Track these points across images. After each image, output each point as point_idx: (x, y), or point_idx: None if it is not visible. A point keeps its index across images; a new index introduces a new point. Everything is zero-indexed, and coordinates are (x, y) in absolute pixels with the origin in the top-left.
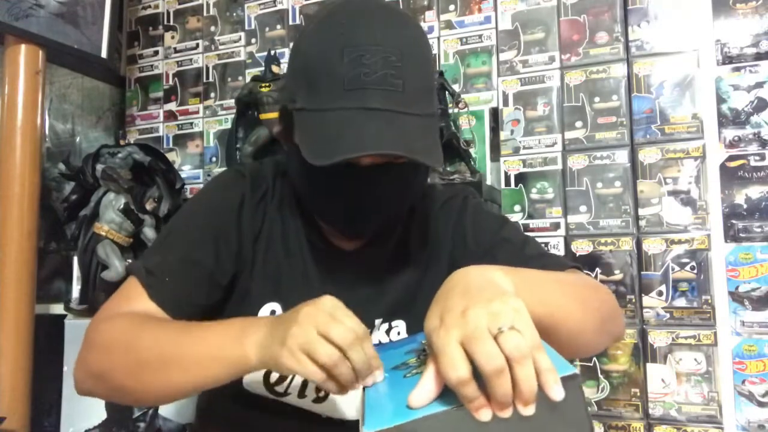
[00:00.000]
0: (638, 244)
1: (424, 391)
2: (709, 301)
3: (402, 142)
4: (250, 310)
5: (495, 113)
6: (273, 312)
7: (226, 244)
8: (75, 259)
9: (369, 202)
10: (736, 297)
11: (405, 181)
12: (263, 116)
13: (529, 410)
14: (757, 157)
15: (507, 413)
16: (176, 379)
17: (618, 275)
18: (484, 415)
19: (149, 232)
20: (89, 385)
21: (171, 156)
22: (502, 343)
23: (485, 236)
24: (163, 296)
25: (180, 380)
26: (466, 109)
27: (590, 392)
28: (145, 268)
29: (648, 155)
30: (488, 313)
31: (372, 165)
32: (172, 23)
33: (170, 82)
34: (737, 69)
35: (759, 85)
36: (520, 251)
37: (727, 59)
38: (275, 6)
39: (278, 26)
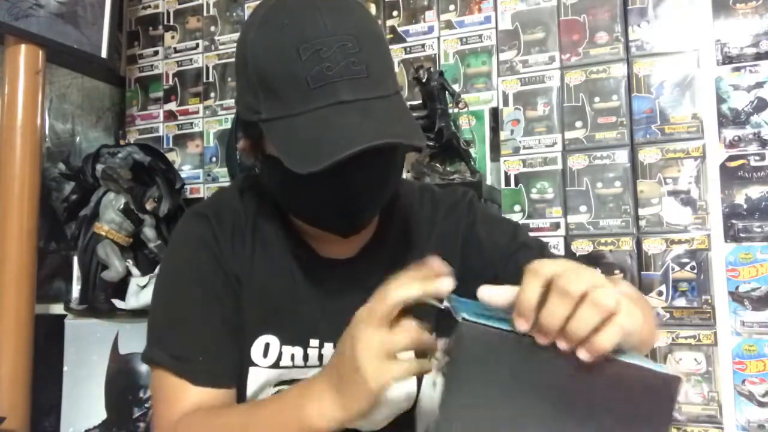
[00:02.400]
0: (638, 244)
1: (500, 291)
2: (709, 301)
3: (385, 129)
4: (244, 346)
5: (495, 113)
6: (267, 345)
7: (230, 293)
8: (75, 259)
9: (358, 194)
10: (736, 297)
11: (387, 164)
12: None
13: (582, 354)
14: (757, 157)
15: (544, 341)
16: None
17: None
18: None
19: (149, 232)
20: None
21: (171, 156)
22: (590, 288)
23: (503, 243)
24: (207, 376)
25: None
26: (466, 109)
27: None
28: (171, 356)
29: (648, 155)
30: (593, 275)
31: (354, 157)
32: (172, 23)
33: (170, 82)
34: (737, 69)
35: (759, 85)
36: (541, 257)
37: (727, 59)
38: None
39: None
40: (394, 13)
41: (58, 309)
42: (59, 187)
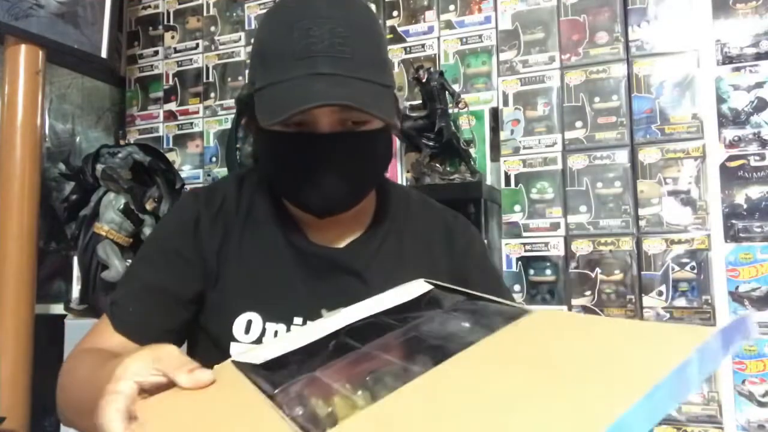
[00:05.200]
0: (638, 244)
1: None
2: (709, 301)
3: (352, 96)
4: (225, 322)
5: (495, 113)
6: (249, 322)
7: (186, 262)
8: (75, 259)
9: (334, 173)
10: (736, 297)
11: (367, 148)
12: None
13: None
14: (757, 157)
15: None
16: (88, 425)
17: (618, 275)
18: None
19: (149, 232)
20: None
21: (171, 156)
22: None
23: (486, 285)
24: (126, 326)
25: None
26: (466, 109)
27: None
28: (111, 302)
29: (648, 155)
30: None
31: (332, 133)
32: (172, 23)
33: (170, 82)
34: (737, 69)
35: (759, 85)
36: None
37: (727, 59)
38: None
39: None
40: (394, 13)
41: (58, 309)
42: (59, 187)
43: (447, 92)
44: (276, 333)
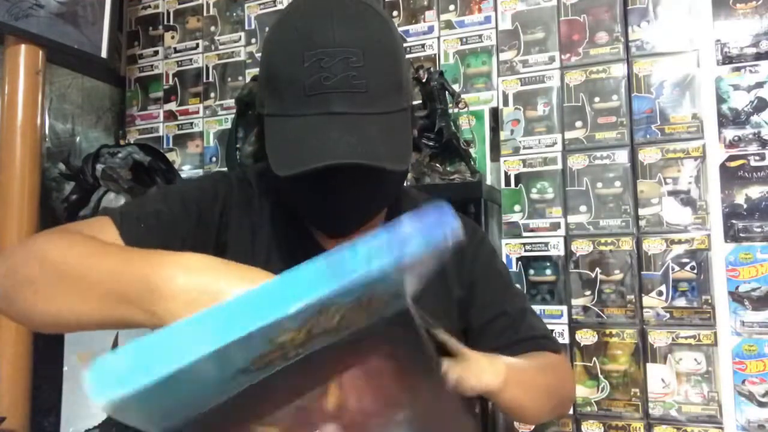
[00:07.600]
0: (638, 244)
1: None
2: (709, 301)
3: (364, 148)
4: None
5: (495, 113)
6: None
7: (207, 220)
8: None
9: (345, 201)
10: (736, 297)
11: (379, 178)
12: None
13: None
14: (757, 157)
15: None
16: (65, 300)
17: (618, 275)
18: None
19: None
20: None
21: (171, 156)
22: None
23: (488, 302)
24: (133, 239)
25: (69, 303)
26: (466, 109)
27: (590, 392)
28: (120, 212)
29: (648, 155)
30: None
31: (333, 168)
32: (172, 23)
33: (170, 82)
34: (737, 69)
35: (759, 85)
36: (513, 331)
37: (727, 59)
38: (275, 6)
39: None
40: (394, 13)
41: None
42: (59, 187)
43: (447, 92)
44: None
